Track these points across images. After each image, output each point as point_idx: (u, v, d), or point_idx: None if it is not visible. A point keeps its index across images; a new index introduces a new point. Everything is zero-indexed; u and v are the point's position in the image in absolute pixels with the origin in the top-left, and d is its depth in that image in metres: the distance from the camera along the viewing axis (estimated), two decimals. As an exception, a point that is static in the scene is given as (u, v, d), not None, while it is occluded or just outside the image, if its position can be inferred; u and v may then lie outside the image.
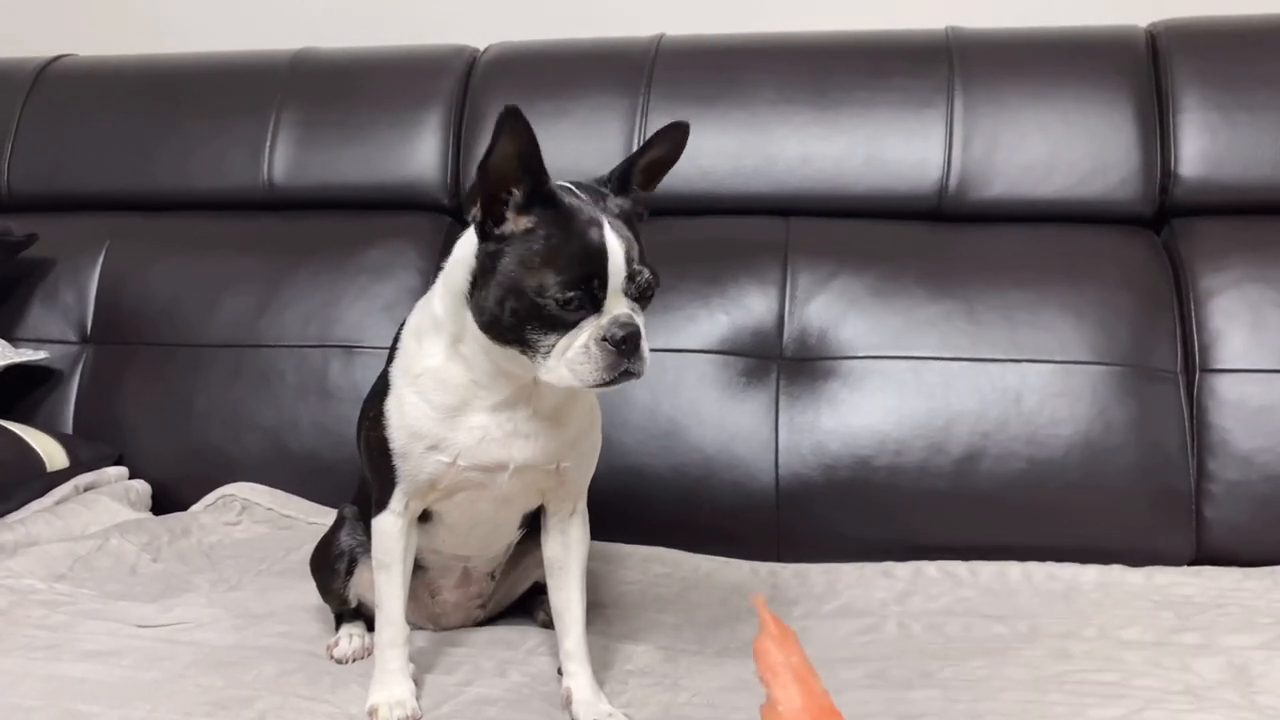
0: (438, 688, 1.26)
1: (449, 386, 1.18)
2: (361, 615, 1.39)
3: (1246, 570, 1.59)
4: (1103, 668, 1.27)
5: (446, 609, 1.41)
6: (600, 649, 1.33)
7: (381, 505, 1.24)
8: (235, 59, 2.22)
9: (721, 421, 1.78)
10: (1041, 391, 1.73)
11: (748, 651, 1.36)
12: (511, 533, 1.34)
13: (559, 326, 1.07)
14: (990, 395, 1.74)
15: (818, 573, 1.61)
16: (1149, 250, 1.85)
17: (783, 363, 1.82)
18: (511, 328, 1.09)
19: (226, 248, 2.07)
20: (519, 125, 1.04)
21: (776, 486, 1.74)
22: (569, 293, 1.06)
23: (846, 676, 1.27)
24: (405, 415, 1.20)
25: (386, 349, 1.29)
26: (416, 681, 1.24)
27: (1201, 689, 1.22)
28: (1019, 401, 1.73)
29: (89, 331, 2.06)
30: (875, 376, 1.77)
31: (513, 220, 1.09)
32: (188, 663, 1.30)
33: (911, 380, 1.76)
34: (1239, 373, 1.72)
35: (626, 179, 1.16)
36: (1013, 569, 1.60)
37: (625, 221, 1.11)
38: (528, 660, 1.34)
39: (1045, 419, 1.71)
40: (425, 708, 1.21)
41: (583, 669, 1.24)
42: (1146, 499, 1.69)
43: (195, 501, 1.89)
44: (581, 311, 1.07)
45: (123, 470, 1.92)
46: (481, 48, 2.16)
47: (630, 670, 1.32)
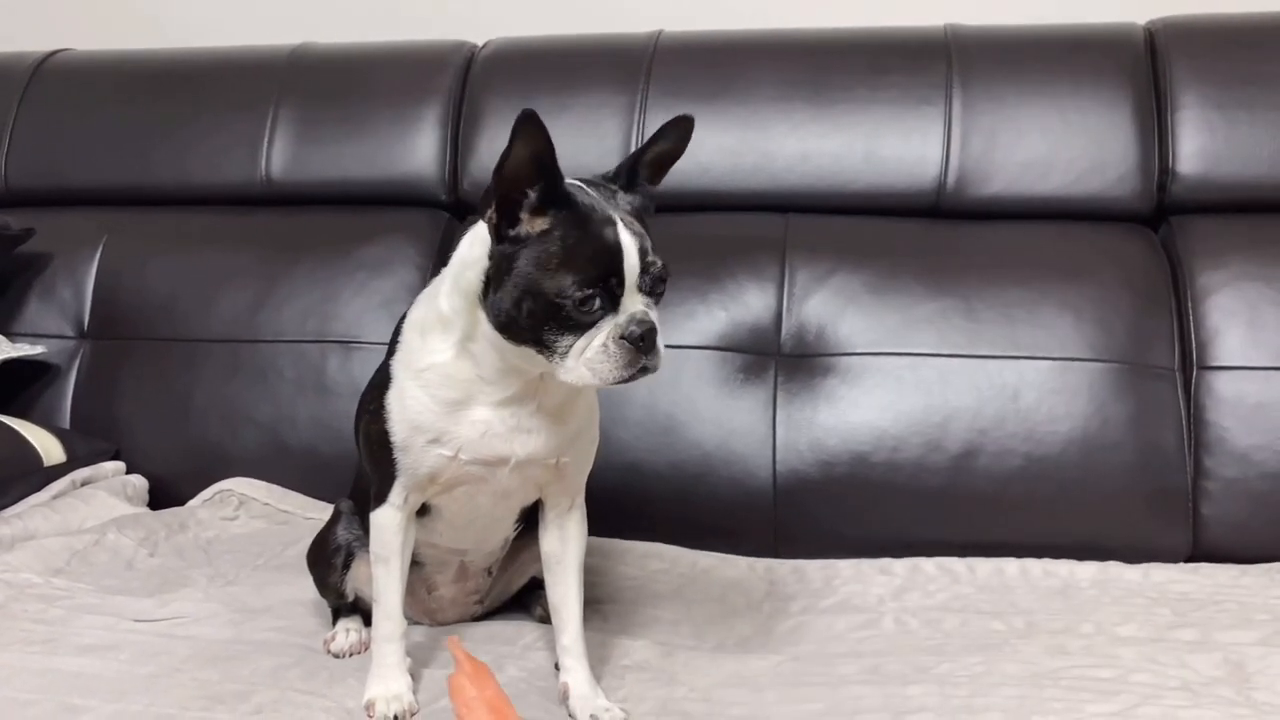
0: (434, 682, 1.26)
1: (454, 382, 1.18)
2: (358, 610, 1.40)
3: (1243, 567, 1.59)
4: (1099, 664, 1.27)
5: (443, 604, 1.42)
6: (597, 644, 1.33)
7: (380, 499, 1.24)
8: (233, 54, 2.21)
9: (719, 418, 1.78)
10: (1039, 388, 1.73)
11: (745, 647, 1.37)
12: (509, 527, 1.34)
13: (577, 327, 1.08)
14: (988, 392, 1.74)
15: (815, 569, 1.61)
16: (1147, 248, 1.85)
17: (781, 359, 1.82)
18: (529, 328, 1.09)
19: (224, 243, 2.07)
20: (535, 129, 1.04)
21: (774, 483, 1.74)
22: (587, 291, 1.06)
23: (843, 672, 1.28)
24: (407, 409, 1.20)
25: (384, 344, 1.29)
26: (413, 675, 1.24)
27: (1198, 685, 1.22)
28: (1016, 398, 1.73)
29: (86, 326, 2.06)
30: (873, 373, 1.77)
31: (528, 222, 1.09)
32: (184, 657, 1.30)
33: (909, 377, 1.76)
34: (1236, 370, 1.72)
35: (634, 174, 1.16)
36: (1010, 565, 1.60)
37: (636, 217, 1.12)
38: (525, 655, 1.34)
39: (1043, 416, 1.72)
40: (422, 702, 1.21)
41: (580, 664, 1.24)
42: (1143, 496, 1.70)
43: (192, 496, 1.89)
44: (600, 311, 1.08)
45: (120, 465, 1.92)
46: (480, 43, 2.16)
47: (627, 665, 1.32)
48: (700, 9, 2.23)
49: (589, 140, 1.95)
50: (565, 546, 1.28)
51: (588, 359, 1.08)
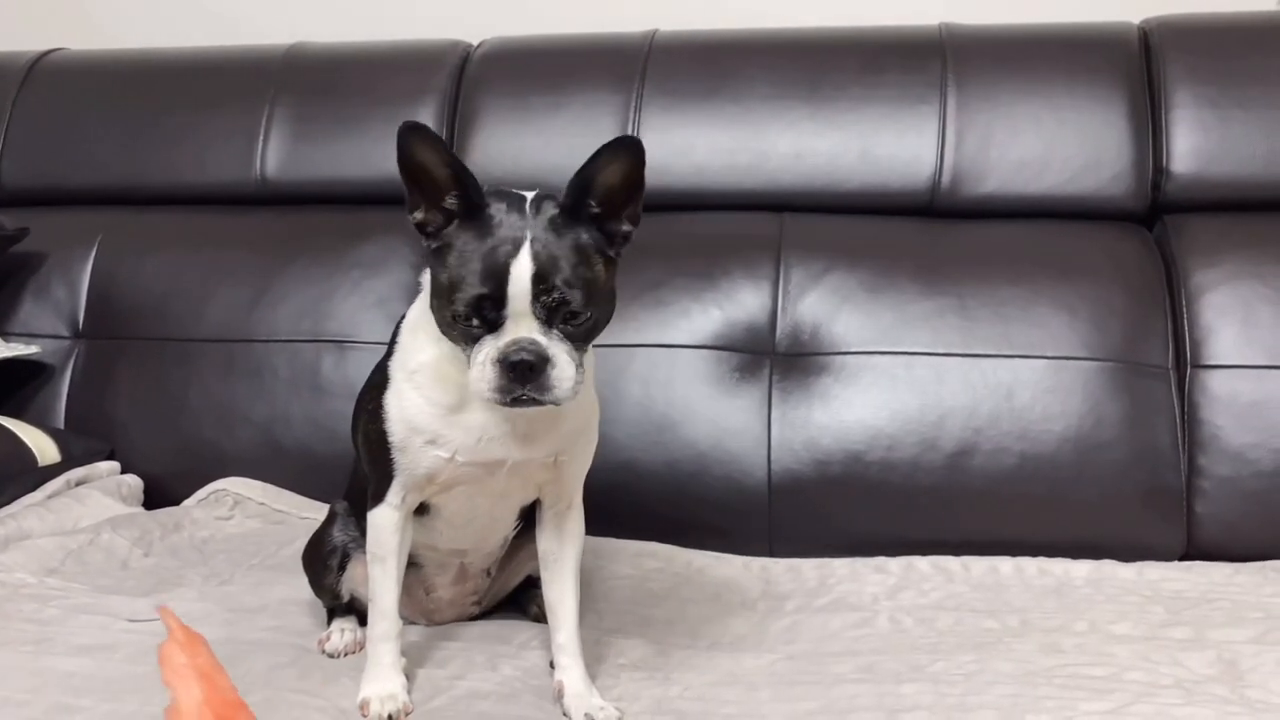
0: (429, 681, 1.26)
1: (445, 383, 1.18)
2: (353, 610, 1.39)
3: (1237, 565, 1.60)
4: (1093, 662, 1.28)
5: (441, 605, 1.41)
6: (592, 643, 1.33)
7: (378, 498, 1.23)
8: (229, 53, 2.21)
9: (714, 417, 1.78)
10: (1034, 387, 1.73)
11: (740, 646, 1.37)
12: (508, 526, 1.34)
13: (469, 338, 1.09)
14: (982, 391, 1.74)
15: (810, 567, 1.62)
16: (1141, 246, 1.86)
17: (775, 358, 1.82)
18: (445, 330, 1.13)
19: (219, 242, 2.07)
20: (420, 139, 1.10)
21: (769, 481, 1.74)
22: (465, 307, 1.07)
23: (838, 670, 1.28)
24: (404, 409, 1.20)
25: (380, 344, 1.29)
26: (408, 675, 1.24)
27: (1191, 683, 1.22)
28: (1011, 397, 1.73)
29: (81, 326, 2.05)
30: (868, 372, 1.78)
31: (446, 228, 1.12)
32: (179, 657, 1.29)
33: (904, 376, 1.76)
34: (1230, 369, 1.73)
35: (580, 198, 1.10)
36: (1004, 564, 1.60)
37: (562, 244, 1.08)
38: (520, 654, 1.34)
39: (1037, 414, 1.72)
40: (417, 701, 1.21)
41: (575, 663, 1.24)
42: (1138, 494, 1.70)
43: (187, 496, 1.89)
44: (480, 328, 1.08)
45: (114, 465, 1.92)
46: (475, 43, 2.16)
47: (622, 664, 1.32)
48: (695, 8, 2.23)
49: (584, 140, 1.92)
50: (562, 545, 1.28)
51: (473, 374, 1.09)
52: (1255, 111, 1.84)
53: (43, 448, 1.84)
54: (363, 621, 1.33)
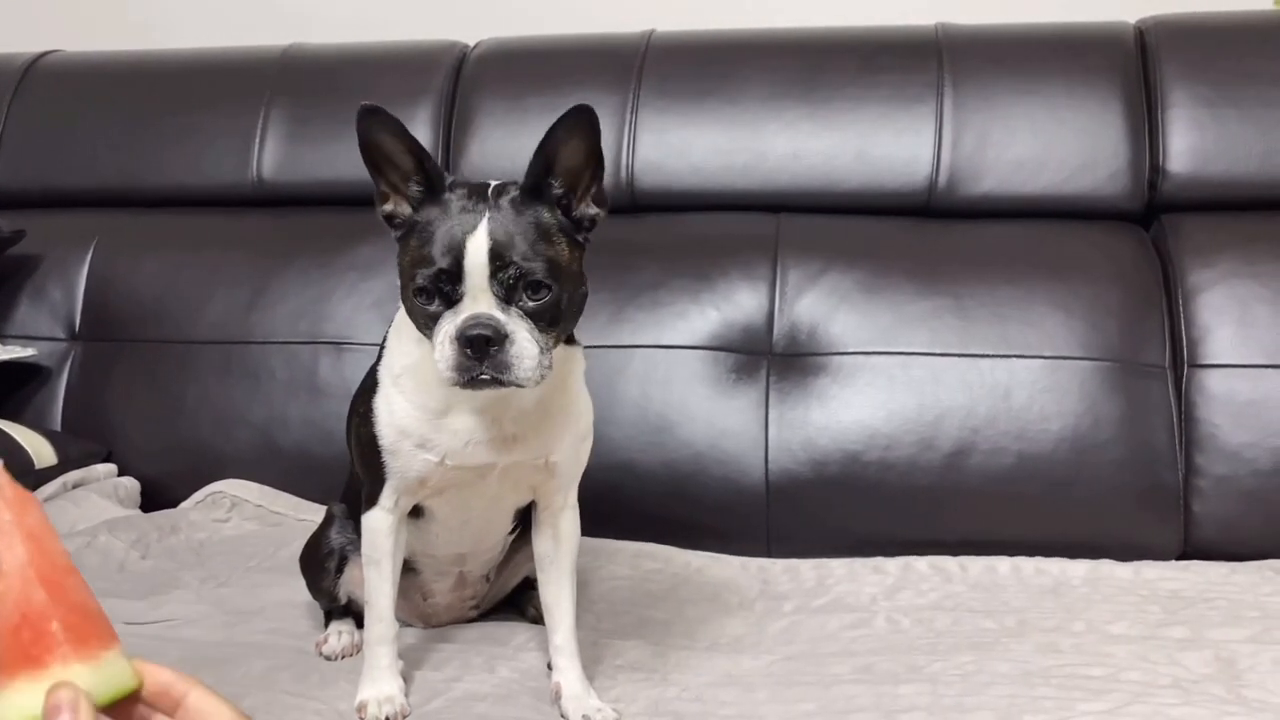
0: (426, 684, 1.26)
1: (428, 387, 1.17)
2: (351, 612, 1.39)
3: (1234, 564, 1.60)
4: (1090, 662, 1.28)
5: (438, 609, 1.41)
6: (590, 644, 1.33)
7: (372, 501, 1.23)
8: (225, 55, 2.21)
9: (712, 417, 1.78)
10: (1030, 387, 1.73)
11: (738, 646, 1.37)
12: (505, 529, 1.34)
13: (429, 318, 1.09)
14: (979, 391, 1.74)
15: (808, 568, 1.62)
16: (1138, 246, 1.86)
17: (773, 358, 1.82)
18: (411, 315, 1.13)
19: (215, 244, 2.07)
20: (378, 121, 1.11)
21: (766, 482, 1.74)
22: (425, 283, 1.07)
23: (835, 671, 1.28)
24: (394, 413, 1.20)
25: (376, 345, 1.29)
26: (405, 678, 1.24)
27: (1189, 683, 1.22)
28: (1008, 397, 1.73)
29: (77, 328, 2.05)
30: (865, 372, 1.78)
31: (409, 212, 1.13)
32: (176, 660, 1.27)
33: (901, 376, 1.76)
34: (1227, 368, 1.73)
35: (540, 177, 1.11)
36: (1002, 564, 1.60)
37: (519, 219, 1.08)
38: (517, 656, 1.34)
39: (1034, 414, 1.72)
40: (414, 704, 1.21)
41: (572, 664, 1.24)
42: (1135, 494, 1.70)
43: (184, 498, 1.89)
44: (437, 306, 1.08)
45: (111, 467, 1.92)
46: (472, 43, 2.16)
47: (619, 665, 1.32)
48: (691, 9, 2.23)
49: (580, 140, 1.95)
50: (558, 546, 1.28)
51: (436, 356, 1.08)
52: (1251, 111, 1.84)
53: (39, 450, 1.83)
54: (360, 624, 1.33)
